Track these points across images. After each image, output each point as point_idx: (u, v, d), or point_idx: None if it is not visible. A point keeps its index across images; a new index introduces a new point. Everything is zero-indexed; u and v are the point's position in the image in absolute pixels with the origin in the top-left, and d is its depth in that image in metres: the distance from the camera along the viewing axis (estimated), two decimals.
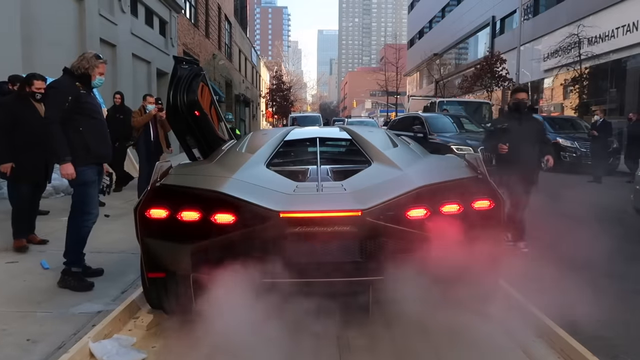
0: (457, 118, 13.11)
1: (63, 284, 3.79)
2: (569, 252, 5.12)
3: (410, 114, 14.67)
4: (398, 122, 14.57)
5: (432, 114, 13.64)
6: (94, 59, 3.88)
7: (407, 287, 2.45)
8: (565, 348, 2.56)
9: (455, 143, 10.53)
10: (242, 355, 2.58)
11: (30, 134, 4.70)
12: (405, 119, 13.88)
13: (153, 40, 17.34)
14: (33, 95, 4.82)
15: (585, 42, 19.55)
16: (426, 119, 12.21)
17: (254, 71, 47.41)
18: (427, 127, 11.66)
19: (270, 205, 2.44)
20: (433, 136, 11.26)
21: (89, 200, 3.80)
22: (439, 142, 10.82)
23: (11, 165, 4.70)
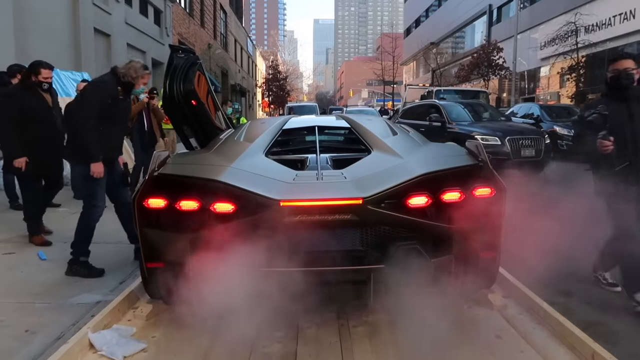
0: (477, 106, 12.16)
1: (72, 273, 3.82)
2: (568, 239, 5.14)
3: (425, 102, 13.35)
4: (410, 110, 13.38)
5: (450, 102, 12.52)
6: (141, 69, 3.96)
7: (408, 276, 2.44)
8: (566, 334, 2.56)
9: (480, 133, 9.52)
10: (242, 344, 2.57)
11: (39, 126, 4.51)
12: (419, 107, 12.75)
13: (148, 30, 17.18)
14: (40, 85, 4.54)
15: (582, 30, 19.49)
16: (444, 106, 11.13)
17: (250, 61, 47.15)
18: (446, 115, 10.66)
19: (270, 194, 2.41)
20: (452, 125, 10.34)
21: (95, 194, 3.88)
22: (460, 131, 9.89)
23: (25, 159, 4.46)
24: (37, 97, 4.53)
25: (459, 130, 9.92)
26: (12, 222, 5.41)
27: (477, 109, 11.68)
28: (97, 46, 13.08)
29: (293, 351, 2.52)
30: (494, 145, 9.04)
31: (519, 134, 9.35)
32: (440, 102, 11.71)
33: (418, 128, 10.92)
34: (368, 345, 2.58)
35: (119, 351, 2.47)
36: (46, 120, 4.55)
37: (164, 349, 2.57)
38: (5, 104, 4.46)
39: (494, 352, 2.49)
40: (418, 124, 10.95)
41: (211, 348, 2.57)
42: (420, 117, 11.54)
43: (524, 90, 27.15)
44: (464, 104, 12.13)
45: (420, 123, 11.07)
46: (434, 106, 11.41)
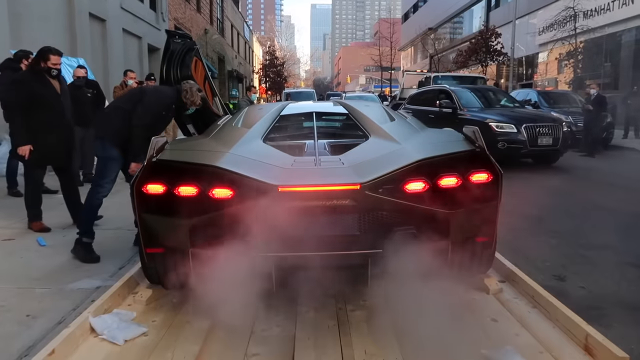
0: (489, 91, 11.63)
1: (74, 253, 3.92)
2: (560, 225, 5.19)
3: (434, 87, 12.69)
4: (418, 96, 12.75)
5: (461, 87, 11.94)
6: (197, 93, 4.02)
7: (405, 260, 2.47)
8: (560, 318, 2.60)
9: (495, 120, 9.11)
10: (240, 328, 2.60)
11: (48, 114, 4.47)
12: (428, 93, 12.14)
13: (144, 15, 17.01)
14: (49, 71, 4.48)
15: (580, 15, 19.39)
16: (455, 92, 10.54)
17: (247, 46, 46.80)
18: (457, 101, 10.14)
19: (268, 180, 2.42)
20: (464, 112, 9.88)
21: (106, 173, 3.92)
22: (472, 118, 9.45)
23: (29, 147, 4.43)
24: (45, 83, 4.48)
25: (471, 117, 9.52)
26: (11, 208, 5.43)
27: (490, 94, 11.21)
28: (92, 31, 12.95)
29: (292, 335, 2.56)
30: (509, 133, 8.78)
31: (535, 121, 9.01)
32: (451, 88, 11.07)
33: (427, 114, 10.50)
34: (366, 328, 2.62)
35: (120, 335, 2.50)
36: (53, 107, 4.51)
37: (164, 332, 2.60)
38: (15, 89, 4.44)
39: (489, 335, 2.53)
40: (426, 110, 10.87)
41: (211, 332, 2.60)
42: (429, 103, 11.14)
43: (521, 76, 27.09)
44: (475, 90, 11.58)
45: (429, 109, 10.85)
46: (444, 92, 10.88)
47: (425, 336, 2.51)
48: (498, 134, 8.76)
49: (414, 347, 2.41)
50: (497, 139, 8.64)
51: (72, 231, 4.69)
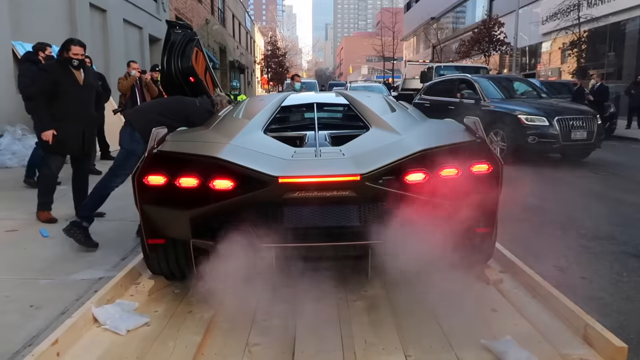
0: (513, 81, 10.89)
1: (69, 234, 3.89)
2: (560, 214, 5.19)
3: (454, 76, 11.91)
4: (436, 86, 11.85)
5: (484, 76, 11.28)
6: (226, 104, 4.14)
7: (405, 251, 2.48)
8: (559, 308, 2.62)
9: (524, 112, 8.47)
10: (242, 318, 2.63)
11: (67, 103, 4.53)
12: (447, 83, 11.33)
13: (144, 5, 16.92)
14: (70, 61, 4.50)
15: (584, 4, 19.23)
16: (478, 81, 9.89)
17: (248, 37, 46.58)
18: (480, 91, 9.52)
19: (268, 171, 2.43)
20: (488, 102, 9.26)
21: (126, 165, 3.89)
22: (498, 109, 8.93)
23: (53, 132, 4.46)
24: (67, 73, 4.54)
25: (496, 109, 9.00)
26: (16, 199, 5.45)
27: (515, 84, 10.49)
28: (93, 22, 12.91)
29: (293, 324, 2.57)
30: (540, 127, 8.19)
31: (569, 113, 8.44)
32: (474, 77, 10.44)
33: (446, 106, 10.14)
34: (366, 318, 2.64)
35: (123, 325, 2.53)
36: (73, 97, 4.56)
37: (166, 323, 2.63)
38: (38, 77, 4.59)
39: (489, 325, 2.54)
40: (446, 102, 10.41)
41: (212, 322, 2.62)
42: (448, 93, 10.53)
43: (524, 66, 26.93)
44: (499, 79, 10.99)
45: (449, 100, 10.31)
46: (466, 81, 10.27)
47: (425, 326, 2.54)
48: (528, 127, 8.25)
49: (414, 337, 2.43)
50: (526, 133, 8.21)
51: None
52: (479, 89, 9.57)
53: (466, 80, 10.30)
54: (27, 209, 4.95)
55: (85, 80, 4.66)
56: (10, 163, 7.57)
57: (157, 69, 8.21)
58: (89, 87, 4.73)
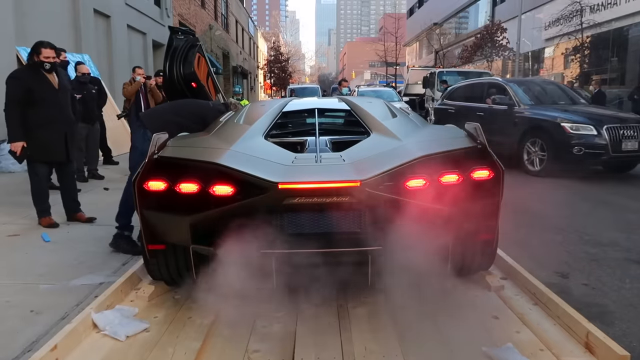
0: (548, 85, 9.98)
1: (115, 247, 3.97)
2: (564, 221, 5.16)
3: (483, 80, 10.95)
4: (460, 90, 10.95)
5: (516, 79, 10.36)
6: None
7: (406, 257, 2.47)
8: (561, 315, 2.60)
9: (568, 119, 7.63)
10: (241, 325, 2.62)
11: (47, 109, 4.46)
12: (474, 87, 10.47)
13: (148, 11, 17.02)
14: (42, 65, 4.43)
15: (587, 9, 19.23)
16: (511, 85, 9.07)
17: (252, 42, 46.75)
18: (514, 96, 8.73)
19: (268, 177, 2.43)
20: (523, 109, 8.48)
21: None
22: (536, 116, 8.15)
23: (22, 144, 4.39)
24: (40, 78, 4.46)
25: (533, 116, 8.21)
26: (19, 204, 5.46)
27: (551, 89, 9.66)
28: (97, 27, 12.98)
29: (292, 331, 2.56)
30: (587, 136, 7.41)
31: (618, 121, 7.61)
32: (505, 81, 9.65)
33: (474, 112, 9.42)
34: (366, 325, 2.62)
35: (122, 331, 2.52)
36: (51, 102, 4.50)
37: (165, 329, 2.62)
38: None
39: (490, 332, 2.53)
40: (473, 107, 9.71)
41: (212, 328, 2.61)
42: (475, 98, 9.78)
43: (527, 72, 26.92)
44: (532, 83, 10.08)
45: (476, 106, 9.60)
46: (496, 85, 9.47)
47: (425, 333, 2.52)
48: (573, 136, 7.44)
49: (414, 344, 2.41)
50: (571, 143, 7.40)
51: (76, 227, 4.74)
52: (513, 94, 8.78)
53: (497, 84, 9.51)
54: (30, 214, 4.96)
55: (60, 83, 4.62)
56: (13, 168, 7.59)
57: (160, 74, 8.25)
58: (65, 90, 4.70)
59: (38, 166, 4.66)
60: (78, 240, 4.33)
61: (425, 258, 2.60)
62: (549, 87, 9.78)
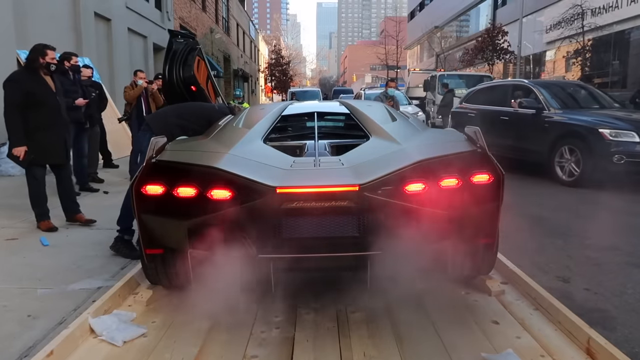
0: (577, 88, 9.17)
1: (115, 250, 3.97)
2: (565, 225, 5.14)
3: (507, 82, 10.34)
4: (482, 93, 10.09)
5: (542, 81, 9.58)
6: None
7: (405, 262, 2.45)
8: (562, 320, 2.57)
9: (607, 125, 6.92)
10: (239, 330, 2.60)
11: (49, 112, 4.48)
12: (497, 89, 9.72)
13: (149, 14, 17.05)
14: (48, 67, 4.45)
15: (588, 13, 19.23)
16: (540, 88, 8.32)
17: (252, 45, 46.83)
18: (543, 99, 8.00)
19: (266, 181, 2.41)
20: (553, 113, 7.78)
21: None
22: (569, 122, 7.44)
23: (25, 149, 4.40)
24: (39, 81, 4.47)
25: (567, 120, 7.49)
26: (18, 208, 5.45)
27: (581, 92, 8.96)
28: (97, 30, 12.99)
29: (291, 336, 2.55)
30: (628, 144, 6.71)
31: None
32: (532, 82, 8.85)
33: (497, 116, 8.78)
34: (365, 330, 2.60)
35: (119, 336, 2.50)
36: (50, 105, 4.52)
37: (163, 333, 2.60)
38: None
39: (490, 338, 2.50)
40: (497, 111, 9.00)
41: (210, 333, 2.59)
42: (499, 101, 9.06)
43: (528, 75, 26.91)
44: (562, 85, 9.34)
45: (500, 109, 8.92)
46: (522, 87, 8.76)
47: (425, 338, 2.50)
48: (612, 144, 6.77)
49: (413, 350, 2.39)
50: (610, 151, 6.73)
51: (74, 231, 4.72)
52: (541, 97, 8.06)
53: (523, 86, 8.78)
54: (28, 218, 4.95)
55: (57, 87, 4.66)
56: (13, 171, 7.59)
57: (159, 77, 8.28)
58: (60, 92, 4.74)
59: (36, 169, 4.65)
60: (77, 244, 4.32)
61: (424, 263, 2.58)
62: (576, 90, 9.04)
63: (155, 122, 3.98)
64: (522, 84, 8.97)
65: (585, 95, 8.81)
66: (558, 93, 8.43)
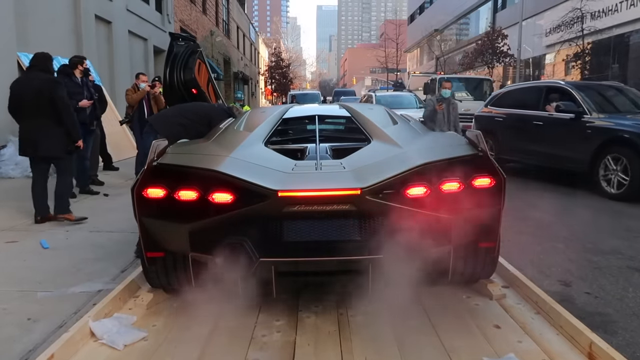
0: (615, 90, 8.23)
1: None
2: (567, 229, 5.13)
3: (540, 83, 9.43)
4: (511, 95, 9.26)
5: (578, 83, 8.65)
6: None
7: (406, 266, 2.45)
8: (563, 324, 2.57)
9: None
10: (240, 333, 2.59)
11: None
12: (528, 92, 8.86)
13: (149, 17, 17.07)
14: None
15: (588, 16, 19.28)
16: (579, 90, 7.53)
17: (253, 48, 46.88)
18: (584, 103, 7.21)
19: (268, 184, 2.41)
20: (595, 117, 6.98)
21: None
22: (615, 127, 6.72)
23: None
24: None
25: (612, 126, 6.77)
26: (18, 210, 5.45)
27: (623, 94, 8.04)
28: (98, 33, 13.00)
29: (292, 340, 2.54)
30: None
31: None
32: (569, 84, 8.00)
33: (530, 121, 7.86)
34: (367, 334, 2.59)
35: (120, 340, 2.49)
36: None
37: (164, 337, 2.59)
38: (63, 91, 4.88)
39: (491, 342, 2.50)
40: (529, 115, 8.20)
41: (211, 336, 2.58)
42: (530, 105, 8.24)
43: (528, 78, 26.96)
44: (603, 87, 8.43)
45: (533, 114, 8.08)
46: (558, 89, 7.92)
47: (426, 342, 2.49)
48: None
49: (415, 354, 2.39)
50: None
51: (75, 234, 4.71)
52: (581, 99, 7.27)
53: (559, 88, 7.93)
54: (29, 220, 4.94)
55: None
56: (14, 173, 7.59)
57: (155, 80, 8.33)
58: None
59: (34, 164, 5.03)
60: (77, 246, 4.31)
61: (426, 266, 2.58)
62: (615, 92, 8.17)
63: (158, 122, 4.00)
64: (558, 85, 8.13)
65: (622, 98, 7.93)
66: (598, 96, 7.65)
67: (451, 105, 8.30)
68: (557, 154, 7.58)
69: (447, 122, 8.16)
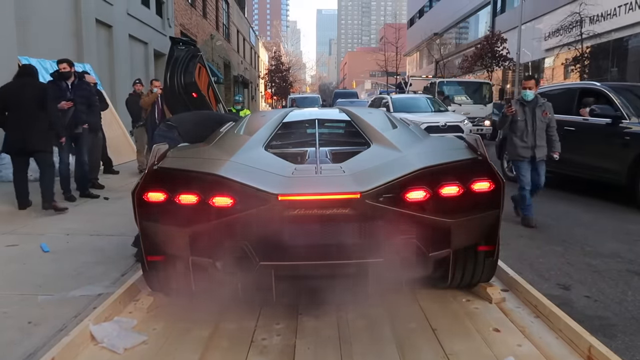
0: None
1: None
2: (566, 232, 5.14)
3: (573, 85, 8.53)
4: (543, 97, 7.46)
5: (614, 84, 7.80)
6: None
7: (406, 269, 2.45)
8: (563, 328, 2.57)
9: None
10: (241, 337, 2.59)
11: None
12: (559, 94, 8.06)
13: (150, 21, 17.11)
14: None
15: (586, 20, 19.34)
16: (616, 92, 6.85)
17: (253, 52, 46.98)
18: (622, 107, 6.53)
19: (268, 188, 2.42)
20: (635, 122, 6.31)
21: None
22: None
23: None
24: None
25: None
26: (18, 214, 5.45)
27: None
28: (98, 37, 13.04)
29: (292, 344, 2.54)
30: None
31: None
32: (605, 86, 7.26)
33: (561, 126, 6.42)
34: (366, 338, 2.60)
35: (120, 343, 2.49)
36: None
37: (164, 341, 2.59)
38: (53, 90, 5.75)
39: (491, 346, 2.50)
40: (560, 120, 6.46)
41: (211, 340, 2.58)
42: (561, 109, 6.87)
43: None
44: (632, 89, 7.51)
45: (564, 119, 7.02)
46: (593, 91, 7.27)
47: (425, 346, 2.50)
48: None
49: (414, 357, 2.39)
50: None
51: (75, 237, 4.72)
52: (619, 103, 6.57)
53: (594, 90, 7.27)
54: (29, 223, 4.95)
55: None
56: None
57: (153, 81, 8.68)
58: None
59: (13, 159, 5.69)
60: (77, 250, 4.32)
61: (425, 270, 2.58)
62: None
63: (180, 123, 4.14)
64: (593, 87, 7.41)
65: None
66: (638, 99, 6.90)
67: (538, 108, 5.60)
68: (589, 162, 6.92)
69: (533, 131, 5.52)
